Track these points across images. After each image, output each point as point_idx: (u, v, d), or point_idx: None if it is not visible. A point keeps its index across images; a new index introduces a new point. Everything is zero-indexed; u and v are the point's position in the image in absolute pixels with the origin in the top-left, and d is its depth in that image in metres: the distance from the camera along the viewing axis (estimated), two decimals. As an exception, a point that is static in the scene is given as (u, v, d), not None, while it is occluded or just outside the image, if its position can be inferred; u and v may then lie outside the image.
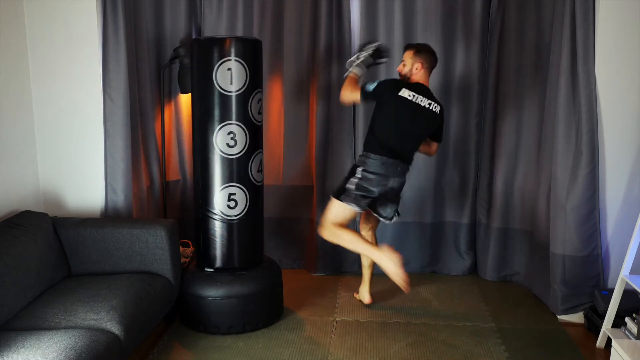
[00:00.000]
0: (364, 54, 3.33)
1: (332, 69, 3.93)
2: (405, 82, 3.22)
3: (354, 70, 3.31)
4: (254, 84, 3.16)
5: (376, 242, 3.61)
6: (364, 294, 3.62)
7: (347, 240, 3.18)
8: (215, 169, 3.19)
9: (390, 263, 2.99)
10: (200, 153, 3.23)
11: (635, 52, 3.12)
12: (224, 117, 3.13)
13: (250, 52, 3.14)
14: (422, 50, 3.22)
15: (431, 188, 4.07)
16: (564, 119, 3.27)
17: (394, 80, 3.26)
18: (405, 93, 3.12)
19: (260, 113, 3.26)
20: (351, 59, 3.37)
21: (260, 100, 3.24)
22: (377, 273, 4.10)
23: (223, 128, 3.14)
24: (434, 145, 3.43)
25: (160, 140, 3.90)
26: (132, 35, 3.47)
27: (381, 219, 3.36)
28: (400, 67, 3.26)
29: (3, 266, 2.49)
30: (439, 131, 3.35)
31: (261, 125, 3.29)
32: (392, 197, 3.27)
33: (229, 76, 3.09)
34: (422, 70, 3.21)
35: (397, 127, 3.15)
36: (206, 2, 3.97)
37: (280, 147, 4.14)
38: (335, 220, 3.22)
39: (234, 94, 3.11)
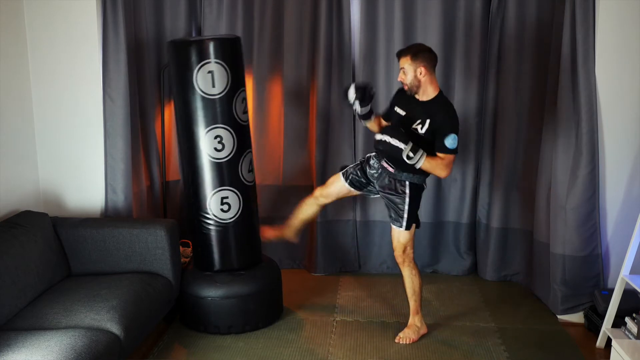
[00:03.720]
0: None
1: (332, 69, 3.93)
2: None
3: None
4: (236, 84, 3.11)
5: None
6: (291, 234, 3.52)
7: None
8: (205, 174, 3.15)
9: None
10: (187, 159, 3.18)
11: (635, 52, 3.12)
12: (209, 122, 3.07)
13: (230, 52, 3.08)
14: (419, 52, 2.91)
15: (431, 188, 4.06)
16: (564, 119, 3.27)
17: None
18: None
19: (245, 112, 3.22)
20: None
21: (244, 99, 3.20)
22: (378, 273, 4.12)
23: (209, 132, 3.09)
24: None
25: (160, 140, 3.90)
26: (132, 35, 3.47)
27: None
28: (400, 76, 2.96)
29: (3, 266, 2.50)
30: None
31: (247, 125, 3.26)
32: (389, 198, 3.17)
33: (210, 79, 3.02)
34: (428, 74, 2.91)
35: None
36: (206, 2, 3.97)
37: (280, 147, 4.13)
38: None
39: (217, 97, 3.06)
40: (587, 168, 3.17)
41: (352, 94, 3.07)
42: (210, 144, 3.11)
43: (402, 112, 3.04)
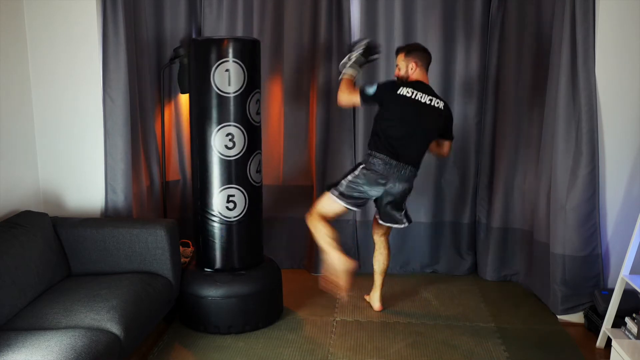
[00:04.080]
0: (355, 54, 3.28)
1: (332, 69, 3.93)
2: (404, 81, 3.19)
3: (348, 72, 3.27)
4: (252, 84, 3.16)
5: (389, 247, 3.52)
6: (375, 301, 3.57)
7: (320, 233, 3.14)
8: (213, 170, 3.18)
9: (342, 265, 3.04)
10: (198, 155, 3.22)
11: (635, 52, 3.12)
12: (222, 119, 3.12)
13: (248, 53, 3.13)
14: (412, 50, 3.19)
15: (431, 188, 4.07)
16: (564, 119, 3.27)
17: (392, 80, 3.25)
18: (403, 91, 3.09)
19: (258, 114, 3.25)
20: (343, 61, 3.34)
21: (258, 100, 3.24)
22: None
23: (221, 130, 3.13)
24: (446, 145, 3.35)
25: (160, 140, 3.90)
26: (132, 35, 3.47)
27: (386, 224, 3.32)
28: (396, 72, 3.24)
29: (3, 266, 2.50)
30: (448, 128, 3.28)
31: (259, 126, 3.29)
32: (393, 202, 3.22)
33: (227, 77, 3.08)
34: (418, 69, 3.17)
35: (402, 127, 3.10)
36: (206, 2, 3.97)
37: (280, 147, 4.14)
38: (321, 211, 3.20)
39: (232, 95, 3.11)
40: (587, 168, 3.17)
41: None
42: (221, 141, 3.14)
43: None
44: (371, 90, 3.13)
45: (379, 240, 3.47)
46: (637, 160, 3.20)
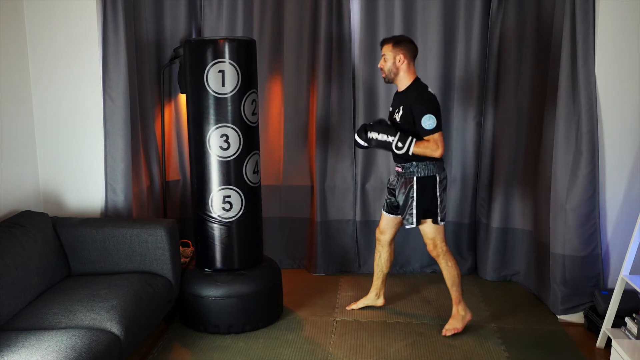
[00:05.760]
0: (376, 133, 3.08)
1: (332, 69, 3.93)
2: (423, 83, 3.12)
3: (400, 142, 3.02)
4: (247, 85, 3.15)
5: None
6: (378, 300, 3.57)
7: (455, 279, 3.21)
8: (209, 171, 3.18)
9: (468, 315, 3.27)
10: (195, 155, 3.22)
11: (635, 52, 3.12)
12: (217, 120, 3.12)
13: (243, 53, 3.12)
14: (401, 41, 3.09)
15: (431, 188, 4.06)
16: (564, 119, 3.27)
17: (427, 94, 3.10)
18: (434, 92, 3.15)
19: (254, 114, 3.25)
20: (382, 139, 3.07)
21: (254, 101, 3.23)
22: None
23: (216, 130, 3.13)
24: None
25: (160, 140, 3.90)
26: (132, 35, 3.47)
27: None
28: (381, 63, 3.12)
29: (3, 266, 2.50)
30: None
31: (256, 127, 3.28)
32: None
33: (221, 78, 3.07)
34: (406, 61, 3.07)
35: None
36: (206, 2, 3.97)
37: (280, 147, 4.14)
38: (444, 244, 3.18)
39: (225, 96, 3.10)
40: (587, 168, 3.17)
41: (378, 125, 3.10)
42: (216, 142, 3.14)
43: (390, 109, 3.24)
44: (433, 120, 2.97)
45: (392, 244, 3.45)
46: (637, 160, 3.20)
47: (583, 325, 3.34)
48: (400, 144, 3.01)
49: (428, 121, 2.97)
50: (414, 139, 3.00)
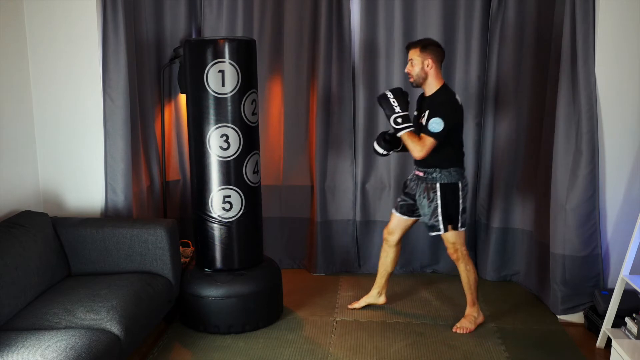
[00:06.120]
0: (394, 103, 3.06)
1: (332, 69, 3.93)
2: (448, 87, 3.15)
3: (402, 125, 3.03)
4: (247, 85, 3.15)
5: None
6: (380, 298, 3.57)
7: (473, 281, 3.26)
8: (209, 171, 3.18)
9: (480, 318, 3.33)
10: (195, 155, 3.23)
11: (635, 52, 3.12)
12: (217, 120, 3.12)
13: (243, 53, 3.12)
14: (428, 45, 3.06)
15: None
16: (564, 119, 3.27)
17: (449, 97, 3.12)
18: (457, 97, 3.17)
19: (254, 114, 3.25)
20: (390, 114, 3.05)
21: (254, 101, 3.23)
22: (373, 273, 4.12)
23: (216, 130, 3.13)
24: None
25: (160, 140, 3.90)
26: (132, 35, 3.47)
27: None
28: (408, 68, 3.08)
29: (3, 266, 2.50)
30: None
31: (256, 127, 3.28)
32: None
33: (221, 78, 3.07)
34: (435, 66, 3.05)
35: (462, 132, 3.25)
36: (206, 2, 3.97)
37: (280, 147, 4.14)
38: (465, 248, 3.22)
39: (225, 96, 3.10)
40: (587, 168, 3.17)
41: (392, 97, 3.08)
42: (216, 142, 3.14)
43: (415, 112, 3.22)
44: (440, 127, 2.96)
45: (399, 244, 3.45)
46: (637, 160, 3.20)
47: (583, 325, 3.34)
48: (399, 120, 3.03)
49: (435, 124, 2.97)
50: (412, 129, 3.04)
